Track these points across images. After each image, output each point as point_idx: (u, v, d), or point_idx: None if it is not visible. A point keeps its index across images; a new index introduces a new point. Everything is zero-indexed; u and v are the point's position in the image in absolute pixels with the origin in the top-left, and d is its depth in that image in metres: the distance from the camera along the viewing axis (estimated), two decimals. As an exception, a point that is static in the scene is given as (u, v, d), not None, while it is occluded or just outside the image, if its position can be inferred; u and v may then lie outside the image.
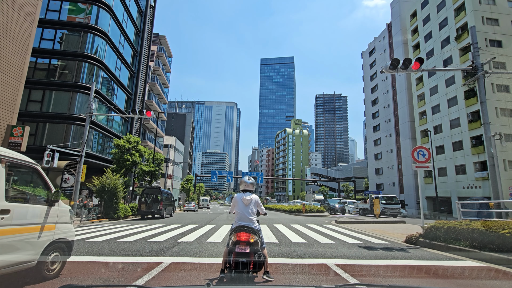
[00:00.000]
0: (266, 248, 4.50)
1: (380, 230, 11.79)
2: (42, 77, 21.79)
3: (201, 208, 47.35)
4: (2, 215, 3.21)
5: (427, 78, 37.36)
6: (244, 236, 3.59)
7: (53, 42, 22.30)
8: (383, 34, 50.23)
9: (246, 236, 3.59)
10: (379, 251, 6.83)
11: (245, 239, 3.57)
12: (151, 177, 24.56)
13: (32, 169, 3.92)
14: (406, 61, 9.04)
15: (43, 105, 21.34)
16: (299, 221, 16.56)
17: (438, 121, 34.89)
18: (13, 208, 3.39)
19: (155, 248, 6.65)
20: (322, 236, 9.59)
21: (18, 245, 3.42)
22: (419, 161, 8.45)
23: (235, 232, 3.68)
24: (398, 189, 42.70)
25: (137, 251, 6.31)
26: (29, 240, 3.57)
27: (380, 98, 49.51)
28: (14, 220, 3.36)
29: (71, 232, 4.47)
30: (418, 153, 8.49)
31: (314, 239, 8.80)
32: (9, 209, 3.32)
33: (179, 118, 68.51)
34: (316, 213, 26.89)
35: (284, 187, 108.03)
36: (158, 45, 40.45)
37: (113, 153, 19.31)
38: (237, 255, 3.46)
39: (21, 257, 3.42)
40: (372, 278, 4.49)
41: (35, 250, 3.64)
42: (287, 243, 7.89)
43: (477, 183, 28.91)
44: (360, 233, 10.83)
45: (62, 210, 4.27)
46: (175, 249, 6.56)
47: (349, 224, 14.16)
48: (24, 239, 3.51)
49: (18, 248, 3.40)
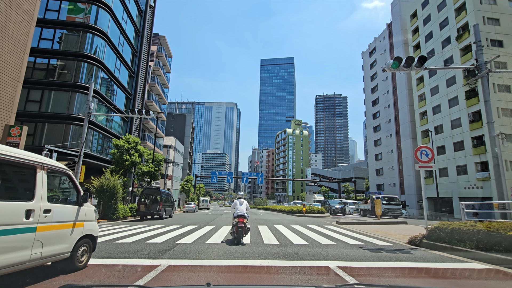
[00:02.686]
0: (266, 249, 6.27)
1: (382, 231, 11.64)
2: (41, 77, 21.66)
3: (201, 209, 47.16)
4: (45, 213, 3.85)
5: (427, 78, 37.24)
6: (241, 219, 7.81)
7: (52, 42, 22.18)
8: (383, 34, 50.14)
9: (242, 219, 7.84)
10: (382, 253, 6.68)
11: (241, 220, 7.80)
12: (151, 177, 24.41)
13: (66, 174, 4.56)
14: (409, 59, 8.88)
15: (42, 105, 21.20)
16: (300, 222, 16.40)
17: (439, 121, 34.76)
18: (53, 208, 4.01)
19: (153, 250, 6.50)
20: (323, 237, 9.44)
21: (57, 238, 4.06)
22: (422, 161, 8.30)
23: (237, 217, 7.87)
24: (399, 189, 42.54)
25: (134, 253, 6.16)
26: (64, 235, 4.23)
27: (381, 98, 49.38)
28: (54, 218, 4.00)
29: (96, 228, 5.10)
30: (422, 153, 8.34)
31: (315, 240, 8.65)
32: (50, 208, 3.95)
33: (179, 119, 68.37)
34: (316, 214, 26.73)
35: (284, 188, 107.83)
36: (158, 45, 40.34)
37: (112, 153, 19.16)
38: (238, 226, 7.67)
39: (60, 249, 4.09)
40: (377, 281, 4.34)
41: (69, 244, 4.30)
42: (288, 244, 7.73)
43: (479, 183, 28.75)
44: (361, 234, 10.68)
45: (88, 210, 4.90)
46: (174, 251, 6.41)
47: (350, 225, 14.00)
48: (61, 234, 4.15)
49: (57, 241, 4.05)
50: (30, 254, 3.58)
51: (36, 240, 3.68)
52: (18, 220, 3.44)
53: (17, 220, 3.43)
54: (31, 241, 3.61)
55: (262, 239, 8.63)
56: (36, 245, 3.67)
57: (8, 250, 3.28)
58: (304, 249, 6.96)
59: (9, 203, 3.40)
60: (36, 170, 3.84)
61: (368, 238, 9.38)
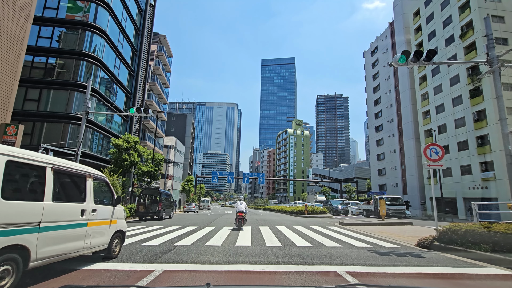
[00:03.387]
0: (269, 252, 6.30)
1: (387, 232, 11.25)
2: (39, 76, 21.37)
3: (201, 209, 46.75)
4: (93, 212, 4.88)
5: (431, 77, 36.81)
6: (240, 213, 11.64)
7: (50, 40, 21.88)
8: (386, 33, 49.70)
9: (241, 213, 11.65)
10: (392, 256, 6.29)
11: (240, 214, 11.63)
12: (151, 177, 24.06)
13: (104, 181, 5.60)
14: (417, 53, 8.50)
15: (40, 104, 20.90)
16: (302, 223, 16.02)
17: (442, 121, 34.30)
18: (97, 208, 5.05)
19: (149, 253, 6.14)
20: (327, 239, 9.06)
21: (100, 232, 5.10)
22: (432, 159, 7.91)
23: (238, 212, 11.70)
24: (402, 190, 42.07)
25: (128, 256, 5.80)
26: (104, 230, 5.25)
27: (383, 97, 48.93)
28: (98, 216, 5.03)
29: (124, 225, 6.17)
30: (431, 151, 7.94)
31: (319, 242, 8.27)
32: (96, 208, 4.99)
33: (179, 119, 68.06)
34: (318, 214, 26.33)
35: (285, 188, 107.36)
36: (158, 44, 40.04)
37: (111, 153, 18.81)
38: (239, 218, 11.60)
39: (101, 240, 5.12)
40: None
41: (107, 237, 5.33)
42: (291, 246, 7.36)
43: (483, 183, 28.28)
44: (367, 235, 10.29)
45: (120, 209, 5.96)
46: (171, 254, 6.05)
47: (354, 226, 13.61)
48: (102, 229, 5.19)
49: (100, 235, 5.09)
50: (83, 243, 4.64)
51: (87, 233, 4.74)
52: (76, 217, 4.51)
53: (75, 217, 4.49)
54: (84, 234, 4.67)
55: (264, 241, 8.26)
56: (87, 237, 4.73)
57: (70, 240, 4.32)
58: (308, 252, 6.59)
59: (71, 204, 4.48)
60: (86, 178, 4.90)
61: (375, 240, 8.99)
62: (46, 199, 3.92)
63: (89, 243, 4.79)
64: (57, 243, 4.06)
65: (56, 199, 4.14)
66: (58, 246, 4.07)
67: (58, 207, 4.13)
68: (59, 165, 4.28)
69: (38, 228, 3.76)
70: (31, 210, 3.68)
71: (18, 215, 3.49)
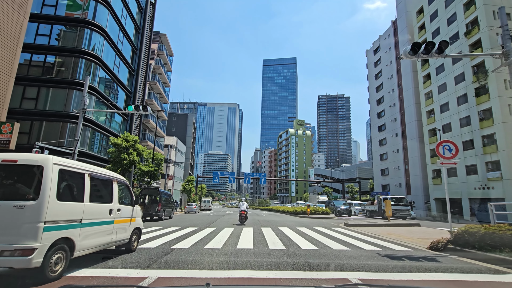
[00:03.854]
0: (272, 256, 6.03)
1: (395, 234, 10.78)
2: (38, 74, 21.03)
3: (202, 209, 46.35)
4: (118, 211, 5.61)
5: (435, 76, 36.24)
6: (243, 212, 14.71)
7: (49, 38, 21.55)
8: (388, 31, 49.16)
9: (243, 212, 14.74)
10: (405, 261, 5.84)
11: (243, 212, 14.70)
12: (150, 177, 23.66)
13: (125, 184, 6.34)
14: (429, 45, 8.04)
15: (38, 103, 20.56)
16: (305, 224, 15.57)
17: (447, 120, 33.72)
18: (121, 207, 5.80)
19: (144, 257, 5.71)
20: (333, 241, 8.61)
21: (122, 229, 5.79)
22: (445, 156, 7.44)
23: (241, 211, 14.82)
24: (405, 190, 41.48)
25: (122, 260, 5.38)
26: (126, 227, 5.97)
27: (386, 97, 48.37)
28: (121, 215, 5.76)
29: (141, 223, 6.96)
30: (444, 148, 7.48)
31: (325, 245, 7.83)
32: (120, 208, 5.73)
33: (180, 119, 67.71)
34: (321, 214, 25.87)
35: (287, 188, 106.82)
36: (159, 43, 39.68)
37: (110, 152, 18.42)
38: (241, 215, 14.66)
39: (123, 236, 5.83)
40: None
41: (128, 233, 6.06)
42: (296, 250, 6.91)
43: (490, 183, 27.70)
44: (374, 237, 9.83)
45: (137, 209, 6.71)
46: (167, 258, 5.62)
47: (359, 227, 13.14)
48: (124, 226, 5.90)
49: (123, 231, 5.79)
50: (111, 238, 5.36)
51: (114, 229, 5.45)
52: (105, 215, 5.22)
53: (105, 216, 5.20)
54: (111, 230, 5.37)
55: (266, 244, 7.82)
56: (113, 232, 5.44)
57: (102, 235, 5.04)
58: (315, 256, 6.15)
59: (102, 204, 5.17)
60: (112, 182, 5.68)
61: (383, 243, 8.53)
62: (85, 200, 4.70)
63: (115, 238, 5.55)
64: (93, 237, 4.81)
65: (92, 200, 4.87)
66: (93, 239, 4.83)
67: (93, 207, 4.89)
68: (93, 172, 5.06)
69: (80, 224, 4.51)
70: (75, 209, 4.45)
71: (67, 214, 4.25)
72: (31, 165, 4.04)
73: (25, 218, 3.74)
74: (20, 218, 3.74)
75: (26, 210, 3.77)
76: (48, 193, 3.91)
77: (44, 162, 4.03)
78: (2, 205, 3.76)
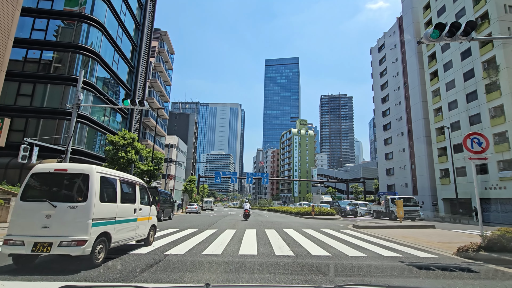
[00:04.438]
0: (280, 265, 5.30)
1: (411, 237, 9.90)
2: (33, 70, 20.40)
3: (204, 210, 45.60)
4: (140, 211, 6.55)
5: (442, 73, 35.21)
6: (246, 211, 19.22)
7: (45, 33, 20.89)
8: (393, 28, 48.16)
9: (247, 210, 19.28)
10: (437, 271, 4.99)
11: (247, 211, 19.15)
12: (150, 177, 22.93)
13: (144, 187, 7.13)
14: (453, 27, 7.14)
15: (33, 100, 19.92)
16: (311, 225, 14.73)
17: (455, 118, 32.68)
18: (142, 207, 6.72)
19: (131, 266, 4.91)
20: (346, 245, 7.76)
21: (143, 226, 6.73)
22: (473, 151, 6.60)
23: (244, 210, 19.40)
24: (412, 190, 40.42)
25: (104, 270, 4.58)
26: (145, 224, 6.89)
27: (391, 95, 47.35)
28: (142, 213, 6.68)
29: (156, 220, 7.75)
30: (472, 141, 6.64)
31: (338, 250, 6.98)
32: (141, 208, 6.66)
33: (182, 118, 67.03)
34: (326, 215, 24.99)
35: (289, 189, 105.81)
36: (160, 40, 39.00)
37: (107, 150, 17.69)
38: (245, 213, 18.94)
39: (143, 232, 6.79)
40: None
41: (147, 229, 6.98)
42: (306, 257, 6.08)
43: (502, 183, 26.66)
44: (389, 241, 8.97)
45: (153, 208, 7.60)
46: (157, 268, 4.81)
47: (370, 229, 12.27)
48: (144, 223, 6.82)
49: (143, 228, 6.73)
50: (135, 233, 6.24)
51: (137, 226, 6.32)
52: (131, 214, 6.08)
53: (131, 214, 6.05)
54: (135, 226, 6.25)
55: (272, 249, 6.99)
56: (136, 228, 6.29)
57: (128, 230, 5.92)
58: (328, 265, 5.31)
59: (129, 205, 6.05)
60: (135, 186, 6.53)
61: (402, 247, 7.67)
62: (117, 201, 5.53)
63: (138, 234, 6.40)
64: (123, 232, 5.62)
65: (122, 201, 5.70)
66: (123, 234, 5.65)
67: (123, 207, 5.71)
68: (122, 177, 5.94)
69: (114, 221, 5.31)
70: (111, 209, 5.27)
71: (106, 212, 5.08)
72: (79, 173, 4.94)
73: (77, 216, 4.61)
74: (74, 216, 4.62)
75: (78, 210, 4.65)
76: (94, 196, 4.78)
77: (89, 170, 4.94)
78: (58, 206, 4.61)
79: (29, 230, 4.52)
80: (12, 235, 4.48)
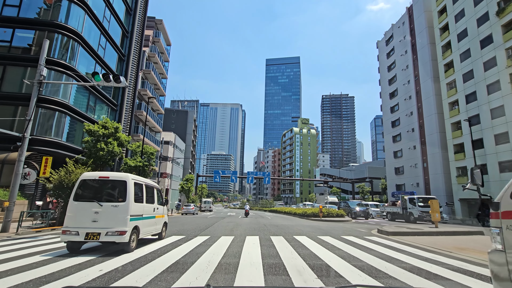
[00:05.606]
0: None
1: (468, 248, 7.33)
2: (4, 51, 17.90)
3: (203, 211, 43.07)
4: (157, 210, 8.14)
5: (459, 63, 32.58)
6: (247, 210, 27.14)
7: (18, 9, 18.40)
8: (402, 19, 45.55)
9: (247, 210, 27.20)
10: None
11: (247, 211, 27.01)
12: (139, 173, 20.37)
13: (159, 189, 8.67)
14: None
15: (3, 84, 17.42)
16: (325, 230, 12.14)
17: (474, 111, 30.04)
18: (158, 207, 8.29)
19: None
20: (388, 263, 5.16)
21: (159, 222, 8.21)
22: None
23: (245, 210, 27.37)
24: (424, 190, 37.74)
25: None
26: (160, 221, 8.39)
27: (400, 89, 44.72)
28: (158, 212, 8.23)
29: (167, 218, 9.24)
30: None
31: (383, 272, 4.40)
32: (158, 207, 8.26)
33: (180, 115, 64.48)
34: (335, 217, 22.45)
35: (291, 189, 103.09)
36: (154, 29, 36.48)
37: (85, 141, 15.18)
38: (246, 213, 26.57)
39: (159, 227, 8.21)
40: None
41: (161, 225, 8.44)
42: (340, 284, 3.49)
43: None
44: (442, 254, 6.39)
45: (165, 208, 9.10)
46: None
47: (404, 236, 9.69)
48: (160, 220, 8.31)
49: (159, 224, 8.21)
50: (154, 228, 7.75)
51: (155, 222, 7.88)
52: (152, 212, 7.65)
53: (152, 212, 7.65)
54: (154, 222, 7.80)
55: (289, 277, 4.40)
56: (155, 224, 7.82)
57: (150, 225, 7.44)
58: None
59: (150, 204, 7.59)
60: (154, 189, 8.14)
61: (473, 267, 5.10)
62: (144, 202, 7.18)
63: (155, 229, 7.89)
64: (146, 226, 7.17)
65: (146, 202, 7.33)
66: (146, 228, 7.18)
67: (147, 206, 7.34)
68: (146, 182, 7.62)
69: (142, 217, 6.91)
70: (140, 208, 6.88)
71: (137, 210, 6.68)
72: (119, 180, 6.61)
73: (119, 213, 6.20)
74: (117, 213, 6.20)
75: (119, 208, 6.25)
76: (130, 198, 6.37)
77: (126, 178, 6.61)
78: (104, 205, 6.21)
79: (81, 223, 6.06)
80: (68, 227, 6.00)
